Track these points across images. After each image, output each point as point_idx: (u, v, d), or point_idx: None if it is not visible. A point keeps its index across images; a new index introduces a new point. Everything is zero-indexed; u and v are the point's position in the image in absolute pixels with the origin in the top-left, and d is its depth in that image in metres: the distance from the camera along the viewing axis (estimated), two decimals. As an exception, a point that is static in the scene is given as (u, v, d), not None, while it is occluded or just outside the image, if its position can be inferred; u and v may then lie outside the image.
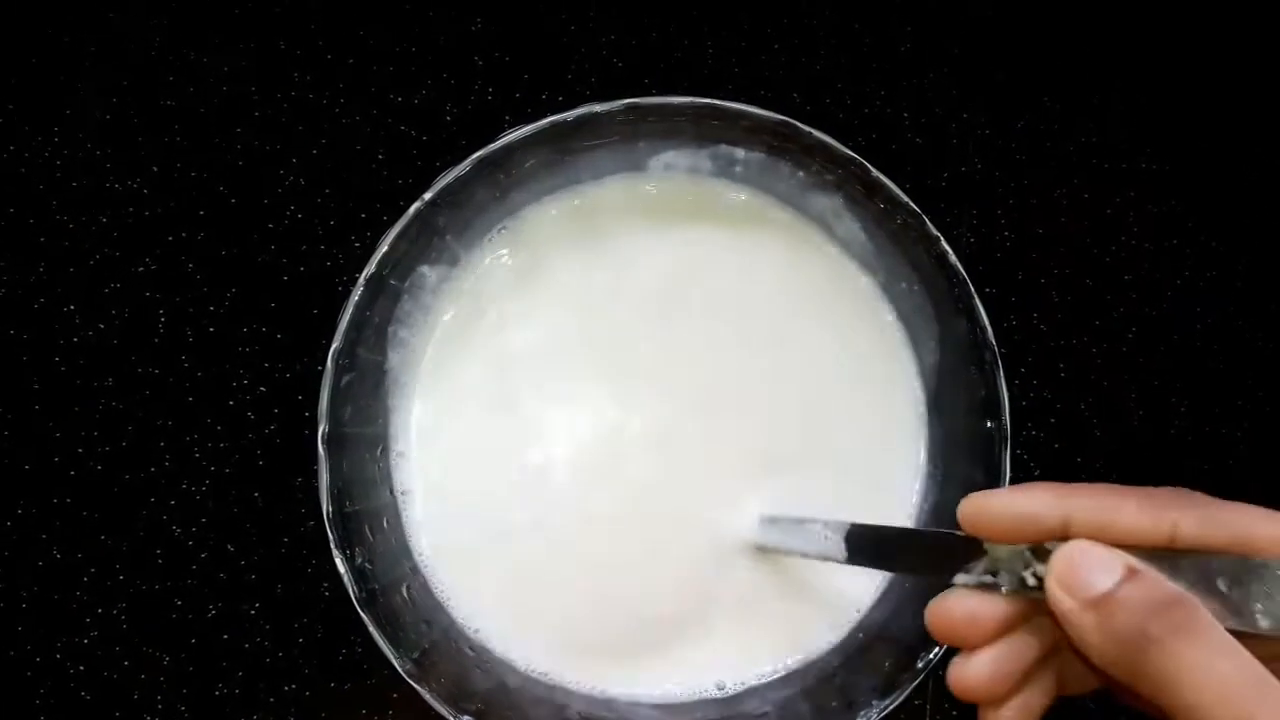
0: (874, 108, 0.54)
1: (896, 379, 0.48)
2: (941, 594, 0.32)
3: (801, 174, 0.46)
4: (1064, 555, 0.28)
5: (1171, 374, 0.53)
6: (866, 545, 0.38)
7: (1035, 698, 0.31)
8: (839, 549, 0.39)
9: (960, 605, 0.31)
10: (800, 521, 0.42)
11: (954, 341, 0.45)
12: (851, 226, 0.47)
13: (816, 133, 0.44)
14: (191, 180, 0.52)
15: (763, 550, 0.45)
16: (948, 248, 0.43)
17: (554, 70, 0.54)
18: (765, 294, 0.48)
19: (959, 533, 0.32)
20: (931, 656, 0.41)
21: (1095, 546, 0.28)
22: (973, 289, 0.43)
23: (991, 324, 0.43)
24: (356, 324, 0.43)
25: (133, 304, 0.51)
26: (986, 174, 0.54)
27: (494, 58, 0.54)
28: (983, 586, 0.31)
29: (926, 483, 0.47)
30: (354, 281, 0.43)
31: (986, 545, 0.31)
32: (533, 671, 0.45)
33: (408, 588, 0.44)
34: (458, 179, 0.43)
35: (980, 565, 0.31)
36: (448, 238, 0.46)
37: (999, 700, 0.31)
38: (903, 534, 0.38)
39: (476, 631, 0.45)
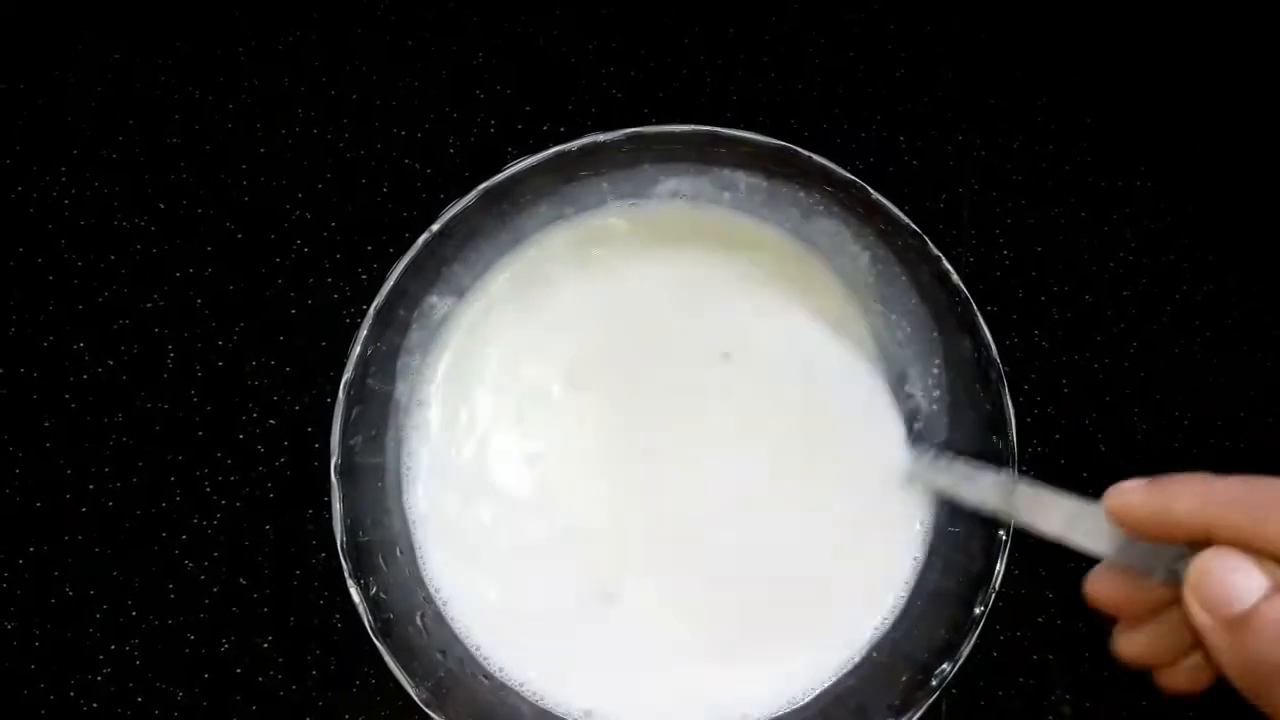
0: (870, 132, 0.55)
1: (902, 399, 0.48)
2: (1099, 567, 0.31)
3: (803, 198, 0.47)
4: (1200, 566, 0.27)
5: (1174, 388, 0.53)
6: (1034, 505, 0.37)
7: (1205, 662, 0.30)
8: (1010, 504, 0.38)
9: (1116, 585, 0.31)
10: (975, 468, 0.42)
11: (958, 360, 0.45)
12: (853, 249, 0.48)
13: (816, 157, 0.44)
14: (198, 217, 0.52)
15: (923, 487, 0.45)
16: (949, 267, 0.44)
17: (555, 101, 0.54)
18: (769, 318, 0.48)
19: None
20: (946, 675, 0.41)
21: (1235, 557, 0.26)
22: (975, 307, 0.44)
23: (994, 342, 0.44)
24: (366, 355, 0.43)
25: (141, 340, 0.51)
26: (984, 194, 0.55)
27: (495, 90, 0.54)
28: (1138, 570, 0.30)
29: (935, 500, 0.47)
30: (362, 313, 0.43)
31: None
32: (548, 703, 0.45)
33: (422, 616, 0.44)
34: (464, 210, 0.44)
35: (1139, 547, 0.30)
36: (455, 268, 0.46)
37: (1165, 664, 0.30)
38: (1071, 502, 0.36)
39: (490, 662, 0.45)
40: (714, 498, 0.46)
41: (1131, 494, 0.30)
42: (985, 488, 0.41)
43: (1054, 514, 0.36)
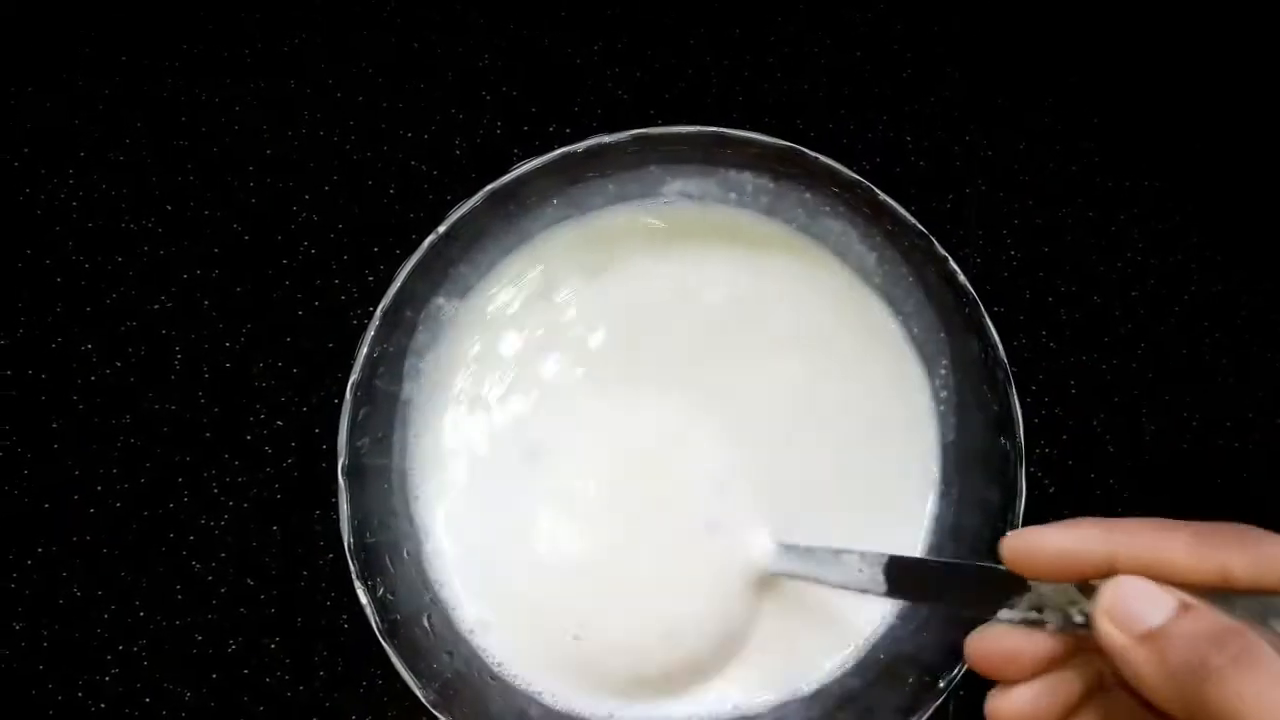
0: (877, 133, 0.55)
1: (909, 400, 0.48)
2: (982, 628, 0.32)
3: (809, 198, 0.47)
4: (1112, 589, 0.28)
5: (1182, 388, 0.53)
6: (907, 578, 0.37)
7: None
8: (878, 582, 0.38)
9: (1001, 641, 0.31)
10: (835, 552, 0.40)
11: (965, 360, 0.45)
12: (860, 249, 0.48)
13: (823, 158, 0.44)
14: (205, 219, 0.53)
15: (783, 577, 0.44)
16: (956, 267, 0.44)
17: (561, 103, 0.54)
18: (778, 317, 0.48)
19: (1003, 567, 0.31)
20: (954, 677, 0.41)
21: (1143, 581, 0.28)
22: (983, 307, 0.43)
23: (1001, 343, 0.44)
24: (373, 356, 0.43)
25: (149, 342, 0.51)
26: (991, 195, 0.55)
27: (502, 92, 0.54)
28: (1028, 623, 0.31)
29: (940, 503, 0.47)
30: (369, 315, 0.43)
31: (1031, 581, 0.31)
32: (555, 703, 0.45)
33: (428, 618, 0.44)
34: (470, 211, 0.44)
35: (1025, 601, 0.31)
36: (461, 268, 0.46)
37: None
38: (945, 567, 0.37)
39: (499, 665, 0.45)
40: (726, 493, 0.46)
41: (1036, 534, 0.30)
42: (849, 568, 0.39)
43: (931, 584, 0.37)
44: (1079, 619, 0.29)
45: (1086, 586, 0.29)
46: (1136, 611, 0.27)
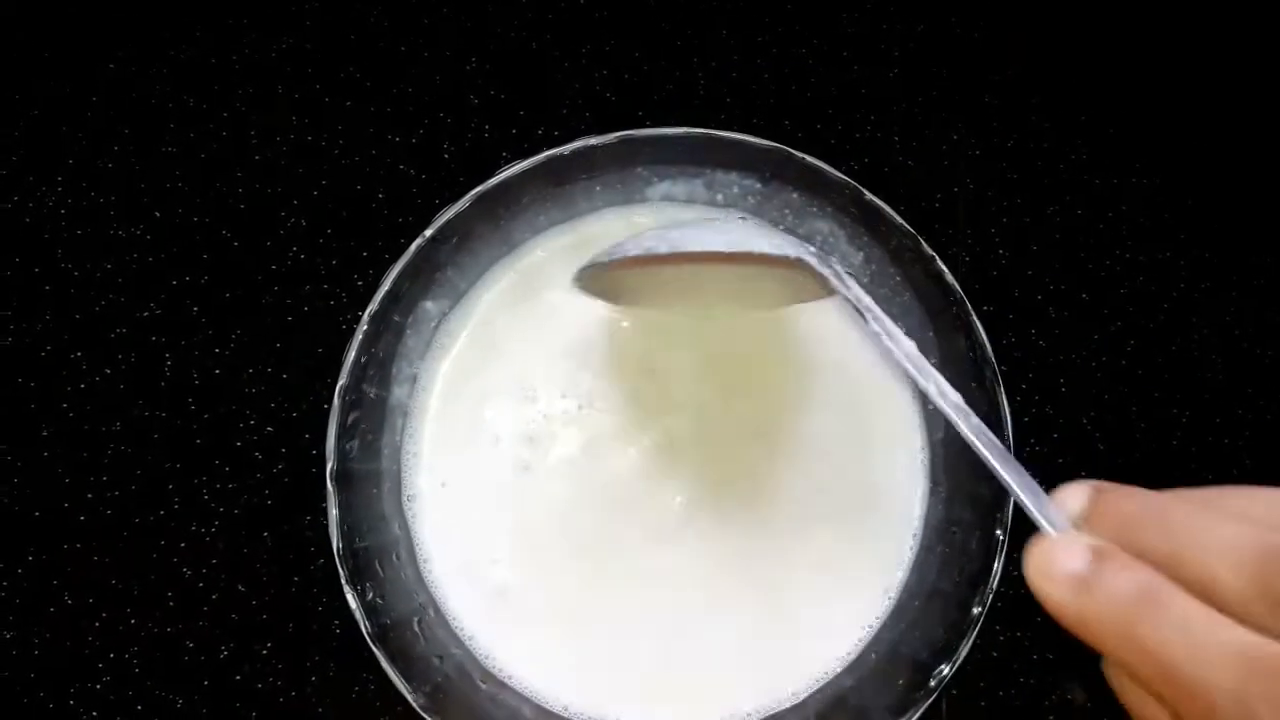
0: (865, 133, 0.55)
1: (897, 398, 0.48)
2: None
3: (797, 199, 0.47)
4: (1031, 551, 0.29)
5: (1171, 386, 0.53)
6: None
7: None
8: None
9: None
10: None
11: (953, 359, 0.45)
12: (848, 249, 0.48)
13: (810, 159, 0.44)
14: (194, 225, 0.53)
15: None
16: (943, 266, 0.44)
17: (549, 106, 0.55)
18: (765, 316, 0.48)
19: None
20: (945, 675, 0.41)
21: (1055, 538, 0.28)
22: (970, 306, 0.44)
23: (990, 342, 0.44)
24: (362, 361, 0.43)
25: (138, 349, 0.51)
26: (979, 194, 0.55)
27: (489, 96, 0.54)
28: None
29: (930, 500, 0.47)
30: (358, 320, 0.43)
31: None
32: (549, 704, 0.45)
33: (419, 622, 0.44)
34: (458, 215, 0.44)
35: None
36: (449, 272, 0.47)
37: None
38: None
39: (495, 666, 0.45)
40: (714, 496, 0.46)
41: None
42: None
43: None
44: None
45: None
46: (1058, 563, 0.28)
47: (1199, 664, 0.24)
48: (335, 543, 0.42)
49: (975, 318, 0.43)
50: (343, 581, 0.41)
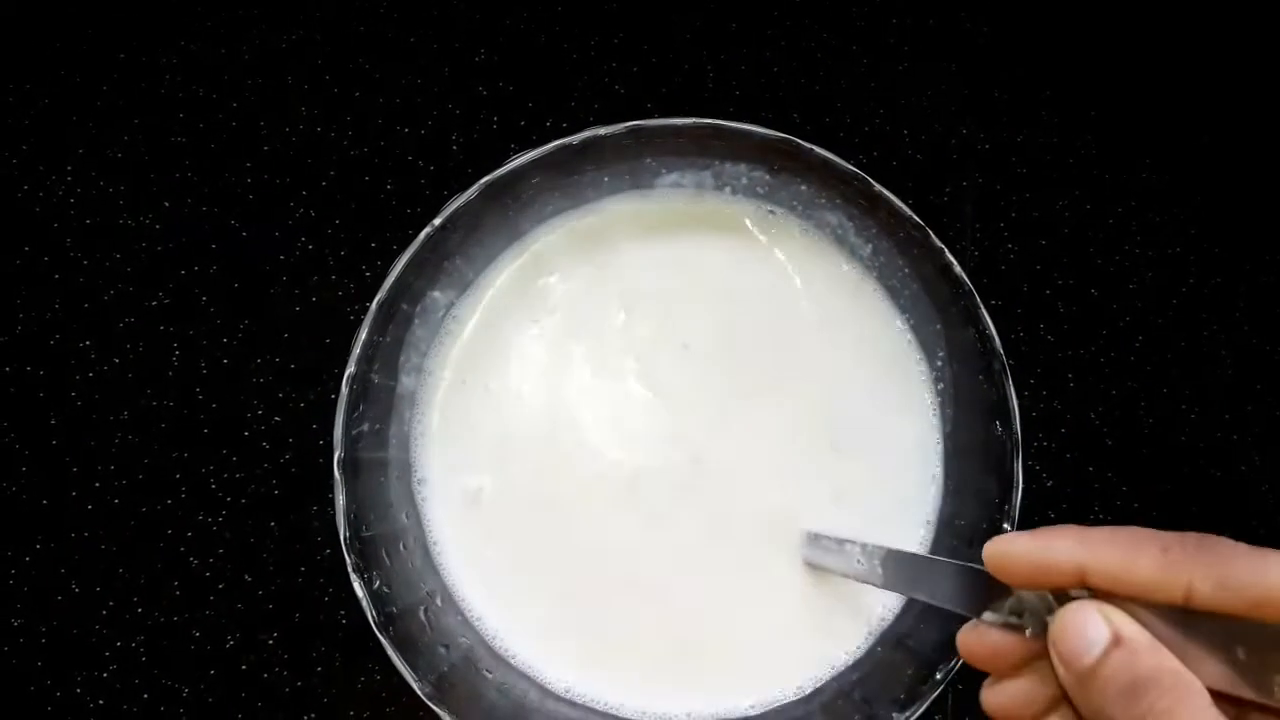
0: (874, 126, 0.55)
1: (908, 389, 0.48)
2: (970, 624, 0.33)
3: (806, 191, 0.47)
4: (1060, 619, 0.28)
5: (1180, 381, 0.53)
6: (901, 572, 0.39)
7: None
8: (875, 574, 0.40)
9: (985, 639, 0.32)
10: (840, 542, 0.43)
11: (962, 352, 0.45)
12: (856, 241, 0.48)
13: (819, 150, 0.44)
14: (203, 215, 0.53)
15: (808, 564, 0.45)
16: (952, 259, 0.44)
17: (557, 97, 0.55)
18: (776, 307, 0.48)
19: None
20: (951, 669, 0.41)
21: (1090, 610, 0.28)
22: (978, 299, 0.43)
23: (999, 336, 0.44)
24: (369, 350, 0.43)
25: (147, 338, 0.51)
26: (988, 188, 0.55)
27: (498, 87, 0.54)
28: (1008, 626, 0.31)
29: (941, 493, 0.47)
30: (365, 309, 0.43)
31: (1014, 587, 0.31)
32: (557, 689, 0.45)
33: (426, 611, 0.44)
34: (466, 204, 0.44)
35: (1006, 605, 0.31)
36: (457, 262, 0.47)
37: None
38: (935, 565, 0.39)
39: (509, 653, 0.45)
40: (726, 479, 0.46)
41: (1012, 541, 0.31)
42: (850, 558, 0.42)
43: (923, 579, 0.38)
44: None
45: (1063, 596, 0.29)
46: (1076, 647, 0.28)
47: None
48: (342, 531, 0.42)
49: (984, 311, 0.43)
50: (350, 569, 0.41)
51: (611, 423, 0.47)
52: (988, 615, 0.32)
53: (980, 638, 0.32)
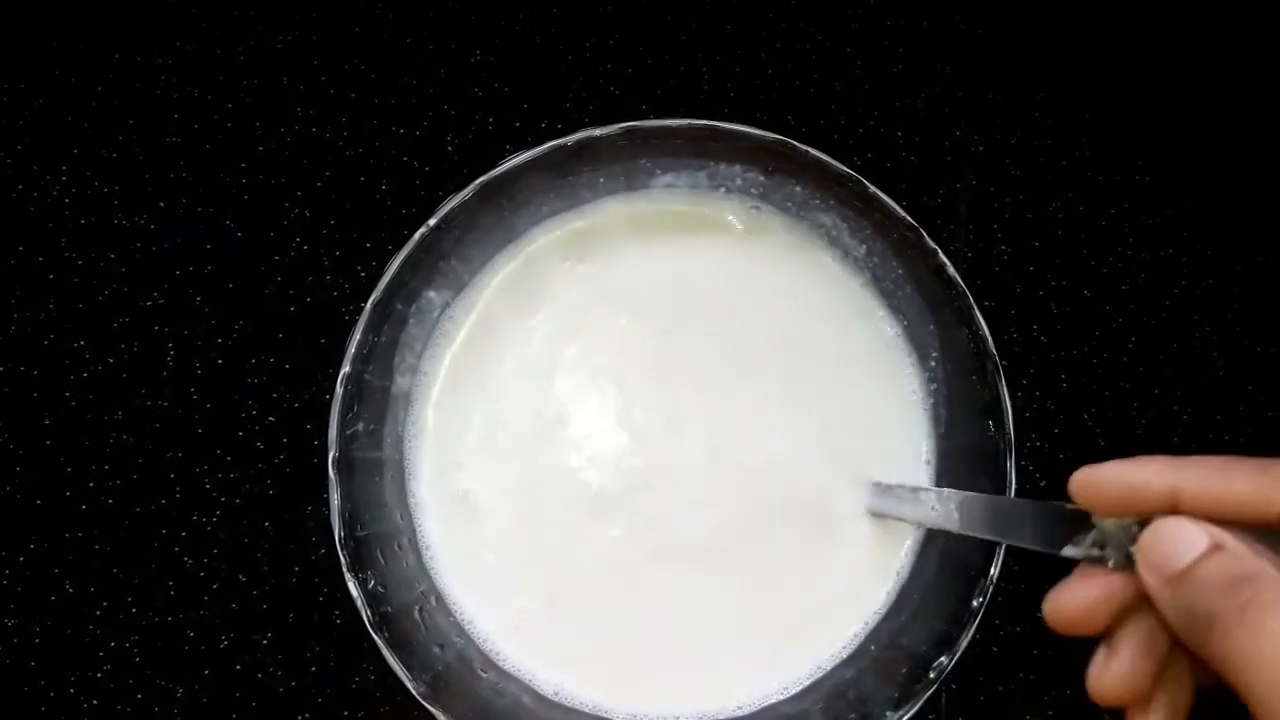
0: (868, 127, 0.55)
1: (899, 391, 0.48)
2: (1054, 590, 0.32)
3: (800, 192, 0.47)
4: (1153, 529, 0.28)
5: (1173, 382, 0.53)
6: (979, 514, 0.39)
7: (1179, 693, 0.30)
8: (952, 518, 0.40)
9: (1077, 595, 0.31)
10: (914, 490, 0.43)
11: (955, 352, 0.45)
12: (850, 242, 0.48)
13: (813, 151, 0.44)
14: (197, 215, 0.53)
15: (876, 515, 0.46)
16: (946, 260, 0.44)
17: (552, 98, 0.55)
18: (768, 308, 0.48)
19: (1069, 505, 0.31)
20: (945, 667, 0.41)
21: (1185, 521, 0.27)
22: (972, 300, 0.44)
23: (992, 336, 0.44)
24: (364, 350, 0.43)
25: (141, 338, 0.51)
26: (981, 189, 0.55)
27: (493, 87, 0.55)
28: (1090, 559, 0.31)
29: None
30: (360, 310, 0.43)
31: (1095, 519, 0.30)
32: (543, 690, 0.45)
33: (420, 610, 0.44)
34: (461, 204, 0.44)
35: (1089, 538, 0.31)
36: (452, 262, 0.47)
37: (1143, 701, 0.30)
38: (1013, 504, 0.39)
39: (499, 655, 0.45)
40: (718, 483, 0.46)
41: (1100, 468, 0.30)
42: (925, 505, 0.42)
43: (1001, 520, 0.37)
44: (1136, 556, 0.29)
45: (1147, 524, 0.29)
46: (1169, 552, 0.27)
47: None
48: (337, 530, 0.42)
49: (977, 312, 0.43)
50: (344, 569, 0.41)
51: (604, 425, 0.47)
52: (1069, 550, 0.31)
53: (1066, 600, 0.31)
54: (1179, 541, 0.27)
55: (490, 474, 0.47)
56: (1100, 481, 0.30)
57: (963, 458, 0.46)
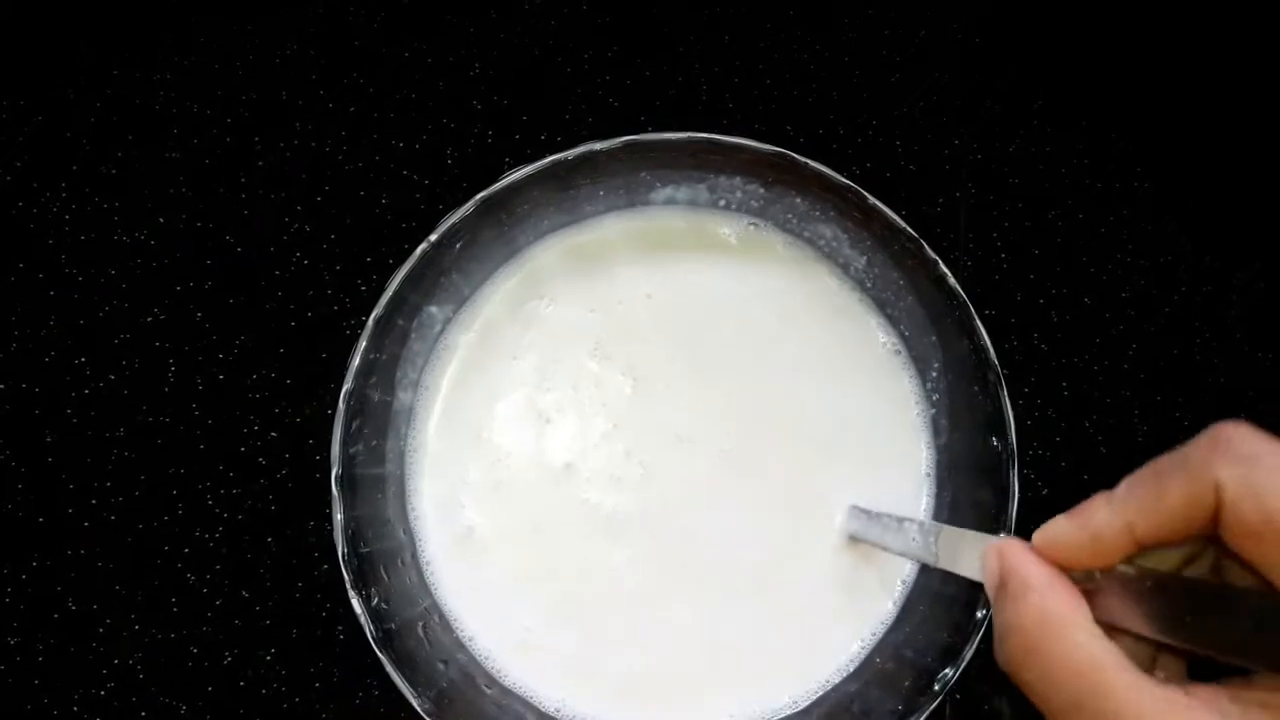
0: (867, 137, 0.55)
1: (900, 402, 0.48)
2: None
3: (800, 203, 0.47)
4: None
5: (1173, 389, 0.53)
6: (956, 551, 0.38)
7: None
8: (930, 552, 0.39)
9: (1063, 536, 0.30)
10: (899, 520, 0.42)
11: (956, 363, 0.45)
12: (851, 253, 0.48)
13: (813, 163, 0.44)
14: (198, 230, 0.53)
15: (854, 540, 0.45)
16: (946, 270, 0.44)
17: (552, 111, 0.55)
18: (768, 323, 0.48)
19: None
20: (949, 679, 0.41)
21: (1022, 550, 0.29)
22: (972, 310, 0.44)
23: (993, 345, 0.44)
24: (366, 366, 0.43)
25: (143, 354, 0.51)
26: (981, 198, 0.55)
27: (493, 101, 0.55)
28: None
29: (934, 505, 0.47)
30: (361, 325, 0.43)
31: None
32: (543, 705, 0.45)
33: (424, 626, 0.44)
34: (461, 220, 0.44)
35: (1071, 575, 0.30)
36: (454, 277, 0.47)
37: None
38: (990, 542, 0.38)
39: (501, 672, 0.45)
40: (719, 500, 0.46)
41: (1052, 531, 0.30)
42: (907, 535, 0.41)
43: (972, 557, 0.36)
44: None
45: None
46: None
47: None
48: (340, 547, 0.42)
49: (978, 321, 0.44)
50: (348, 586, 0.41)
51: (606, 445, 0.47)
52: None
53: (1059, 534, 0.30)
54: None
55: (488, 492, 0.47)
56: (1057, 544, 0.29)
57: (965, 470, 0.46)
